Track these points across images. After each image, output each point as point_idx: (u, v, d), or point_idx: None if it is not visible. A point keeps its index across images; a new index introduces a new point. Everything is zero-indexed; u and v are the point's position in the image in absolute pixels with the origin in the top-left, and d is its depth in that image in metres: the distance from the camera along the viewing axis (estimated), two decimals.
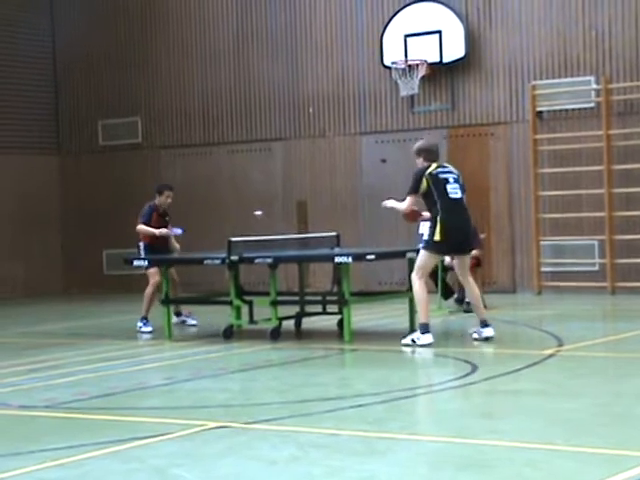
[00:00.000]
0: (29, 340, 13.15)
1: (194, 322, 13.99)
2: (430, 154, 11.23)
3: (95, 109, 21.15)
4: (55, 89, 21.49)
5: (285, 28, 19.21)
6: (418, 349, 10.83)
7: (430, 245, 11.03)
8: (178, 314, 14.05)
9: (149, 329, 13.41)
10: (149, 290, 13.79)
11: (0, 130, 20.51)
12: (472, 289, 11.27)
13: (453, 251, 11.31)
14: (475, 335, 11.25)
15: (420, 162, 11.23)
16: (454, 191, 11.06)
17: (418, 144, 11.50)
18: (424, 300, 11.03)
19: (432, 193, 10.99)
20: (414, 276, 11.12)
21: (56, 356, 11.35)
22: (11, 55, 20.72)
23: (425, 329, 10.98)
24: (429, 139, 11.84)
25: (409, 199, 11.16)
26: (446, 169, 11.23)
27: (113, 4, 20.89)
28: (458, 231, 11.03)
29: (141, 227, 13.86)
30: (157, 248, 13.78)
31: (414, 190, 11.08)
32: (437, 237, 10.90)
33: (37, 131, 21.21)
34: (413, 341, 10.96)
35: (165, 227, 13.93)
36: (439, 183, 11.01)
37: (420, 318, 11.07)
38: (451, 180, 11.10)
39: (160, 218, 13.95)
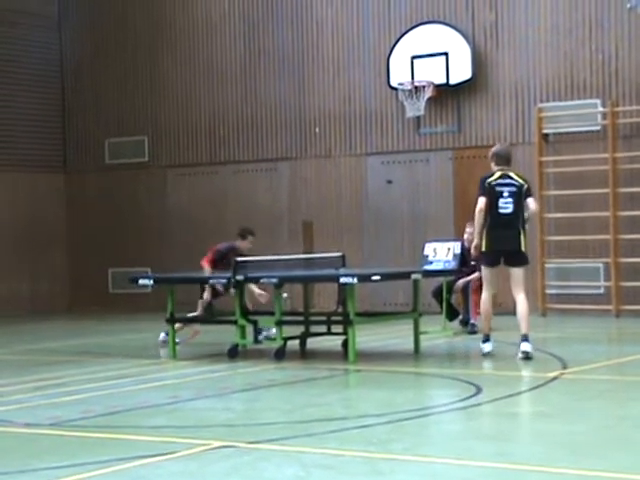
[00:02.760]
0: (35, 357, 13.17)
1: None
2: (499, 159, 11.61)
3: (102, 127, 21.23)
4: (62, 107, 21.59)
5: (292, 48, 19.31)
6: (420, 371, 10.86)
7: (482, 257, 11.59)
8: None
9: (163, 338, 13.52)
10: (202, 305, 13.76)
11: (7, 148, 20.61)
12: (519, 304, 11.53)
13: (499, 263, 11.60)
14: (520, 354, 11.37)
15: (493, 166, 11.62)
16: (505, 205, 11.37)
17: (493, 148, 11.91)
18: (484, 312, 11.65)
19: (488, 204, 11.42)
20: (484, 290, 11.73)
21: (61, 374, 11.37)
22: (19, 73, 20.83)
23: (485, 339, 11.64)
24: (503, 143, 12.62)
25: (481, 199, 11.46)
26: (506, 180, 11.48)
27: (121, 23, 21.01)
28: (502, 245, 11.42)
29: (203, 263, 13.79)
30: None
31: (482, 193, 11.47)
32: (484, 248, 11.45)
33: (44, 149, 21.29)
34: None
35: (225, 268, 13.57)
36: (493, 195, 11.40)
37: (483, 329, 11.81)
38: (506, 194, 11.39)
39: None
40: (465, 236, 14.21)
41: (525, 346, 11.29)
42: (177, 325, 13.10)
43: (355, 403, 9.40)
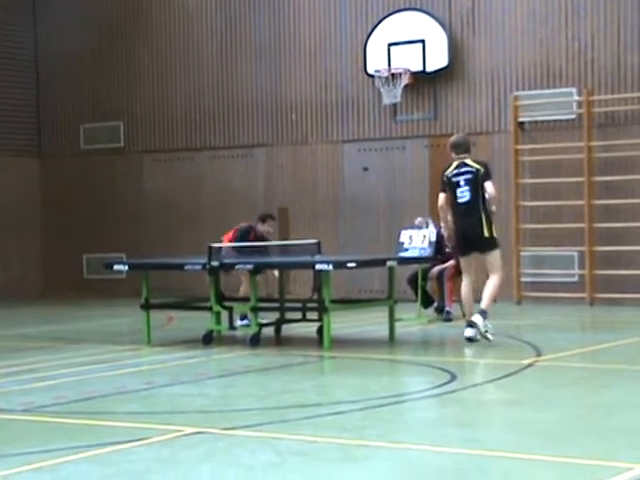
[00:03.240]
0: (7, 343, 13.10)
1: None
2: (458, 148, 11.76)
3: (77, 113, 21.12)
4: (37, 92, 21.45)
5: (269, 34, 19.24)
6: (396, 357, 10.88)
7: (456, 247, 11.84)
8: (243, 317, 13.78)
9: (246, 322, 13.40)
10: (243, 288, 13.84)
11: None
12: (488, 282, 11.61)
13: (470, 251, 11.65)
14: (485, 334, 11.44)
15: (453, 156, 11.76)
16: (462, 195, 11.50)
17: (450, 139, 12.02)
18: (464, 299, 11.72)
19: (448, 196, 11.65)
20: None
21: (34, 360, 11.31)
22: None
23: (468, 324, 11.51)
24: (461, 133, 13.32)
25: (440, 196, 11.70)
26: (462, 169, 11.58)
27: (97, 8, 20.87)
28: (466, 233, 11.53)
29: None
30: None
31: (442, 188, 11.71)
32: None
33: (18, 134, 21.15)
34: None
35: None
36: (451, 187, 11.58)
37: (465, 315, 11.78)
38: (462, 183, 11.52)
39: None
40: (442, 224, 14.21)
41: (476, 317, 11.35)
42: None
43: (330, 390, 9.40)
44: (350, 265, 12.13)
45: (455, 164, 11.62)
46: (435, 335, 13.27)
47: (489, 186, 11.51)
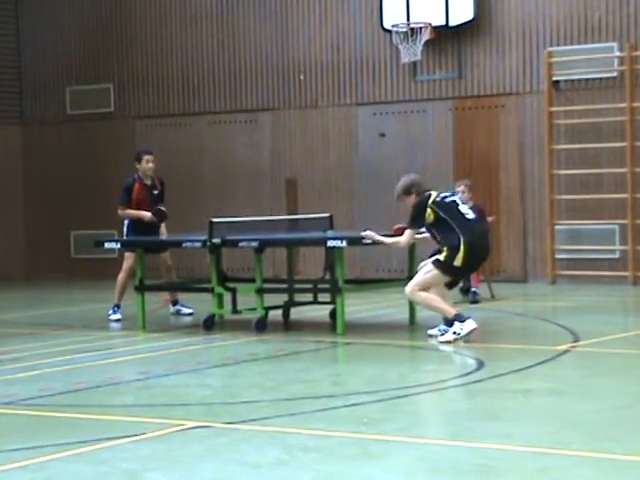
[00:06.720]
0: None
1: (189, 311, 13.96)
2: (421, 186, 11.27)
3: (62, 74, 21.11)
4: (18, 51, 21.43)
5: None
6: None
7: (447, 268, 10.91)
8: (174, 303, 14.05)
9: (117, 317, 13.53)
10: (121, 275, 13.85)
11: None
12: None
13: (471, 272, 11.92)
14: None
15: (412, 200, 11.25)
16: (467, 212, 11.11)
17: (401, 184, 11.44)
18: (436, 301, 10.92)
19: (445, 220, 10.95)
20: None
21: (18, 348, 11.37)
22: None
23: (461, 318, 10.84)
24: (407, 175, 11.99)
25: (409, 232, 11.31)
26: (447, 193, 11.27)
27: None
28: (482, 251, 11.16)
29: (121, 212, 13.84)
30: (143, 228, 13.73)
31: (419, 224, 11.21)
32: (458, 263, 10.78)
33: None
34: (456, 334, 10.77)
35: (154, 202, 13.77)
36: (449, 208, 11.02)
37: (447, 316, 10.91)
38: (458, 201, 11.19)
39: (146, 191, 13.87)
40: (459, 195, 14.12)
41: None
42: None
43: (344, 379, 9.43)
44: (366, 241, 12.14)
45: (435, 192, 11.16)
46: None
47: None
